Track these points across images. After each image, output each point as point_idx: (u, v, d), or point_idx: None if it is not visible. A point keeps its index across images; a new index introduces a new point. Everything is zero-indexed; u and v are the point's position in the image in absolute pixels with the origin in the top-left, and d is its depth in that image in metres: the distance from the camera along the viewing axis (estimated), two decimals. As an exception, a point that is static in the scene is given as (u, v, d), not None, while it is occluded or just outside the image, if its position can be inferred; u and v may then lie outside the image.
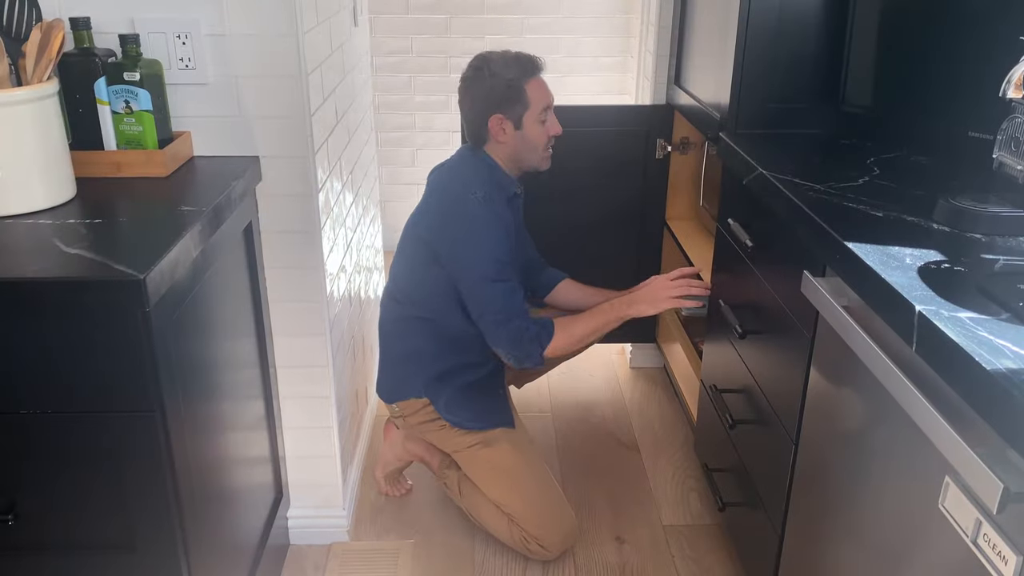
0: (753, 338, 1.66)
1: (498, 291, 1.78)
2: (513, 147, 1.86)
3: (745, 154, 1.66)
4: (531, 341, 1.80)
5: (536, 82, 1.84)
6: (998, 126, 1.40)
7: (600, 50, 3.44)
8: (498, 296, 1.78)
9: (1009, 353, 0.86)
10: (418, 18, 3.37)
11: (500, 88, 1.81)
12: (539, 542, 1.87)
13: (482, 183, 1.83)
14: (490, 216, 1.79)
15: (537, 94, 1.84)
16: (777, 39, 1.80)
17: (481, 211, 1.79)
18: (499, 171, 1.88)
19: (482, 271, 1.78)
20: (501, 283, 1.78)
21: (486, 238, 1.78)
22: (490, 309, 1.79)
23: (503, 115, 1.82)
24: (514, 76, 1.81)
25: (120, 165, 1.50)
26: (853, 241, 1.18)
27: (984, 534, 0.85)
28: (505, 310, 1.78)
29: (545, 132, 1.87)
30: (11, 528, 1.22)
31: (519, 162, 1.89)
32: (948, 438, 0.89)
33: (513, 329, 1.79)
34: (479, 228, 1.78)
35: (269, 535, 1.76)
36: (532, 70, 1.84)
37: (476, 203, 1.79)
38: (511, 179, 1.89)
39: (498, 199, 1.83)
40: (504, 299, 1.78)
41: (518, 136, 1.85)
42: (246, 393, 1.64)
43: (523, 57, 1.84)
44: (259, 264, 1.69)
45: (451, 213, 1.82)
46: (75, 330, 1.13)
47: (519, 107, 1.82)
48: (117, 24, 1.53)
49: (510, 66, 1.81)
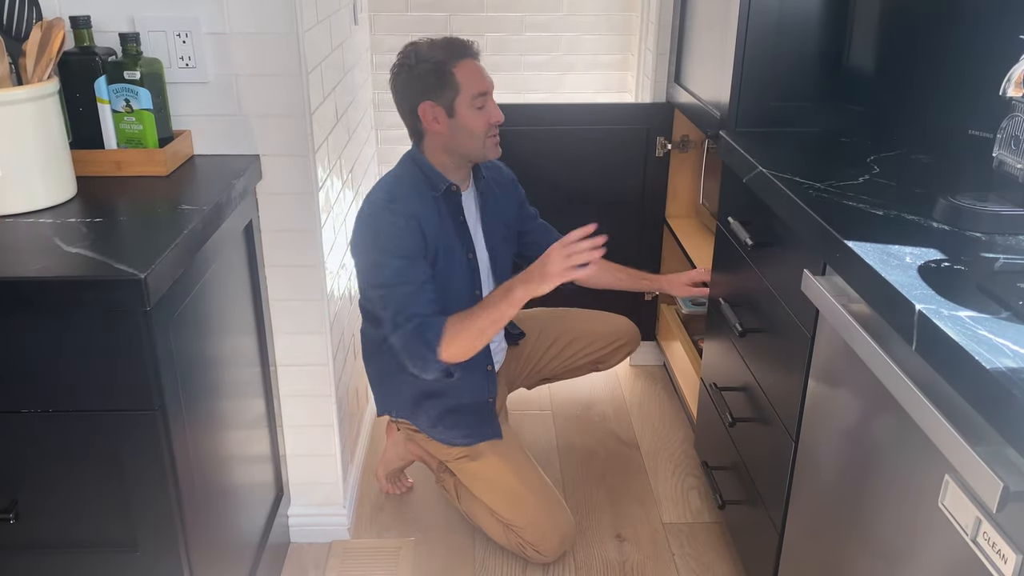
0: (753, 336, 1.66)
1: (391, 295, 1.68)
2: (449, 136, 1.73)
3: (745, 152, 1.66)
4: (418, 344, 1.66)
5: (467, 64, 1.71)
6: (998, 124, 1.40)
7: (600, 48, 3.44)
8: (390, 300, 1.68)
9: (1009, 352, 0.86)
10: (418, 16, 3.37)
11: (427, 73, 1.69)
12: (535, 548, 1.86)
13: (396, 186, 1.75)
14: (386, 217, 1.69)
15: (469, 78, 1.70)
16: (777, 37, 1.80)
17: (377, 213, 1.70)
18: (429, 169, 1.76)
19: (373, 277, 1.71)
20: (394, 287, 1.67)
21: (379, 241, 1.69)
22: (385, 316, 1.70)
23: (433, 102, 1.70)
24: (441, 59, 1.68)
25: (120, 164, 1.50)
26: (853, 240, 1.18)
27: (984, 532, 0.86)
28: (396, 316, 1.67)
29: (483, 118, 1.72)
30: (12, 527, 1.22)
31: (459, 152, 1.76)
32: (948, 437, 0.89)
33: (403, 335, 1.67)
34: (373, 228, 1.70)
35: (270, 533, 1.76)
36: (462, 52, 1.70)
37: (373, 207, 1.72)
38: (441, 176, 1.77)
39: (409, 201, 1.72)
40: (397, 302, 1.67)
41: (452, 124, 1.72)
42: (246, 391, 1.64)
43: (453, 40, 1.72)
44: (259, 262, 1.69)
45: (359, 218, 1.75)
46: (76, 329, 1.13)
47: (449, 92, 1.69)
48: (117, 23, 1.53)
49: (437, 50, 1.69)
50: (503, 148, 1.81)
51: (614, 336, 2.18)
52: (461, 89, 1.70)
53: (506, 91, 3.32)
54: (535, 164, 2.46)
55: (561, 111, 2.50)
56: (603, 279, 2.12)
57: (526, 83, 3.32)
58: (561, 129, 2.45)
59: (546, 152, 2.47)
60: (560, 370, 2.19)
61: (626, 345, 2.20)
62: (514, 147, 2.45)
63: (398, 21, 3.38)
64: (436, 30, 3.38)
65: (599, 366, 2.22)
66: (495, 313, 1.66)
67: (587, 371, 2.23)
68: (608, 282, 2.13)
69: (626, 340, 2.19)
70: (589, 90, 3.48)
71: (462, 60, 1.70)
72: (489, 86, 1.74)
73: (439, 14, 3.37)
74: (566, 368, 2.19)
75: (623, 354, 2.21)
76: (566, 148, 2.47)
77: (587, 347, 2.16)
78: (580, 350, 2.16)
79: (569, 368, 2.19)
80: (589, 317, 2.21)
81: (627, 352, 2.22)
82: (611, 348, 2.18)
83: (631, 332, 2.21)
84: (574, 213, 2.48)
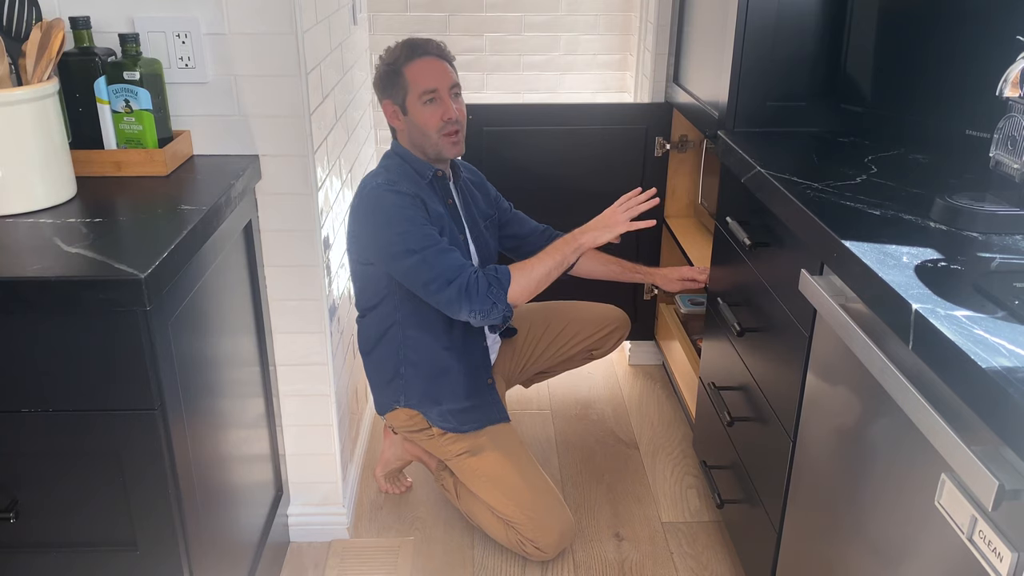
0: (751, 336, 1.66)
1: (425, 258, 1.70)
2: (408, 133, 1.82)
3: (743, 152, 1.67)
4: (487, 290, 1.71)
5: (419, 64, 1.77)
6: (995, 125, 1.40)
7: (599, 48, 3.44)
8: (426, 262, 1.71)
9: (1005, 351, 0.86)
10: (417, 16, 3.37)
11: (385, 74, 1.80)
12: (535, 544, 1.86)
13: (388, 173, 1.80)
14: (391, 196, 1.74)
15: (418, 76, 1.77)
16: (776, 37, 1.80)
17: (381, 194, 1.75)
18: (412, 158, 1.84)
19: (398, 246, 1.72)
20: (424, 250, 1.71)
21: (391, 216, 1.73)
22: (428, 278, 1.71)
23: (390, 100, 1.81)
24: (394, 59, 1.78)
25: (120, 164, 1.50)
26: (851, 239, 1.18)
27: (980, 531, 0.86)
28: (443, 272, 1.70)
29: (436, 115, 1.77)
30: (12, 526, 1.23)
31: (418, 147, 1.83)
32: (944, 436, 0.90)
33: (461, 286, 1.70)
34: (383, 210, 1.74)
35: (269, 532, 1.76)
36: (415, 53, 1.78)
37: (375, 190, 1.76)
38: (425, 164, 1.84)
39: (406, 184, 1.77)
40: (436, 262, 1.70)
41: (407, 121, 1.80)
42: (246, 391, 1.64)
43: (412, 41, 1.80)
44: (259, 262, 1.69)
45: (358, 209, 1.79)
46: (76, 329, 1.14)
47: (400, 91, 1.78)
48: (117, 23, 1.53)
49: (394, 51, 1.79)
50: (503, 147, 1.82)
51: (603, 322, 2.20)
52: (410, 88, 1.78)
53: (505, 91, 3.32)
54: (534, 164, 2.47)
55: (560, 111, 2.50)
56: (597, 270, 2.15)
57: (525, 83, 3.33)
58: (560, 129, 2.46)
59: (545, 152, 2.48)
60: (555, 361, 2.20)
61: (617, 330, 2.22)
62: (513, 147, 2.46)
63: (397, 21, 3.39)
64: (435, 30, 3.38)
65: (593, 353, 2.23)
66: (559, 256, 1.78)
67: (582, 360, 2.24)
68: (602, 272, 2.15)
69: (616, 325, 2.22)
70: (588, 90, 3.49)
71: (415, 59, 1.78)
72: (440, 83, 1.78)
73: (438, 14, 3.37)
74: (561, 358, 2.21)
75: (615, 339, 2.23)
76: (565, 148, 2.47)
77: (577, 334, 2.19)
78: (571, 338, 2.18)
79: (564, 358, 2.21)
80: (577, 307, 2.24)
81: (619, 337, 2.24)
82: (602, 334, 2.20)
83: (620, 317, 2.24)
84: (572, 213, 2.48)
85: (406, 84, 1.77)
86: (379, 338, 1.89)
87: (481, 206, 2.01)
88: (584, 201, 2.51)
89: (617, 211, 1.81)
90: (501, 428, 1.93)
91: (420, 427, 1.93)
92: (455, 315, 1.73)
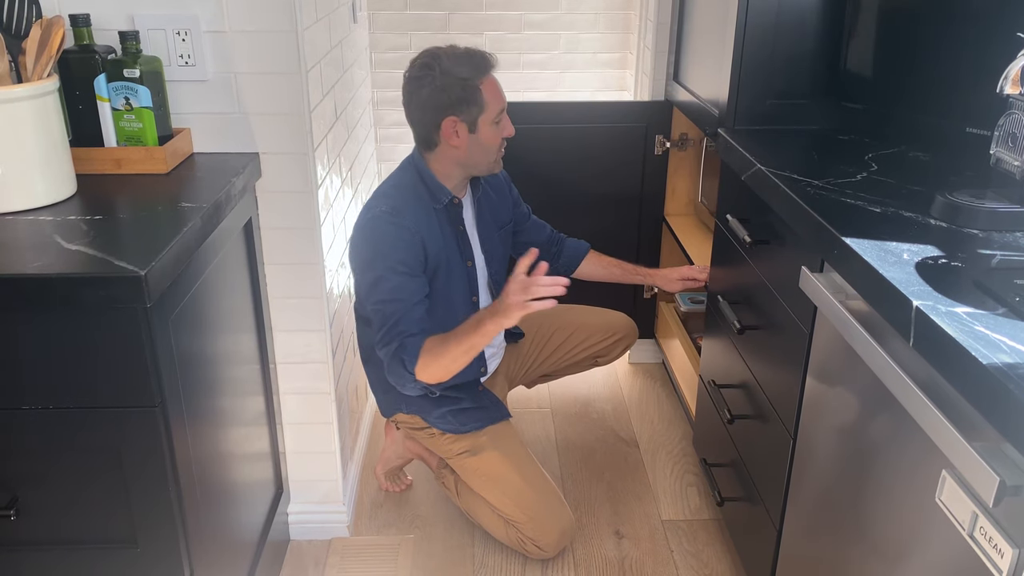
0: (751, 334, 1.66)
1: (384, 311, 1.67)
2: (465, 152, 1.73)
3: (744, 150, 1.67)
4: (397, 363, 1.67)
5: (491, 81, 1.71)
6: (995, 122, 1.40)
7: (599, 46, 3.44)
8: (381, 316, 1.68)
9: (1005, 348, 0.86)
10: (417, 14, 3.37)
11: (454, 88, 1.66)
12: (535, 543, 1.87)
13: (398, 196, 1.73)
14: (393, 229, 1.68)
15: (493, 95, 1.71)
16: (776, 35, 1.80)
17: (380, 225, 1.69)
18: (432, 181, 1.76)
19: (369, 291, 1.70)
20: (389, 303, 1.67)
21: (380, 254, 1.68)
22: (379, 328, 1.69)
23: (457, 117, 1.69)
24: (468, 75, 1.67)
25: (120, 162, 1.50)
26: (851, 237, 1.18)
27: (980, 527, 0.86)
28: (384, 332, 1.68)
29: (499, 134, 1.75)
30: (13, 523, 1.23)
31: (470, 167, 1.77)
32: (945, 432, 0.90)
33: (387, 352, 1.68)
34: (376, 241, 1.69)
35: (269, 530, 1.76)
36: (485, 68, 1.70)
37: (377, 217, 1.70)
38: (444, 188, 1.77)
39: (410, 215, 1.71)
40: (386, 320, 1.67)
41: (472, 140, 1.72)
42: (246, 389, 1.64)
43: (476, 53, 1.70)
44: (259, 260, 1.69)
45: (358, 229, 1.74)
46: (76, 326, 1.14)
47: (475, 109, 1.68)
48: (117, 21, 1.53)
49: (463, 63, 1.67)
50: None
51: (611, 329, 2.19)
52: (486, 107, 1.70)
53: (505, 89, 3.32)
54: (534, 162, 2.46)
55: (560, 109, 2.50)
56: (597, 272, 2.15)
57: (525, 81, 3.32)
58: (560, 127, 2.46)
59: (545, 150, 2.47)
60: (560, 365, 2.20)
61: (624, 338, 2.21)
62: (513, 145, 2.45)
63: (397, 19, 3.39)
64: (435, 29, 3.38)
65: (599, 360, 2.22)
66: (466, 343, 1.64)
67: (587, 366, 2.24)
68: (603, 275, 2.16)
69: (624, 333, 2.21)
70: (588, 88, 3.49)
71: (487, 76, 1.70)
72: (506, 101, 1.75)
73: (438, 12, 3.37)
74: (566, 363, 2.20)
75: (622, 348, 2.22)
76: (565, 146, 2.47)
77: (584, 340, 2.18)
78: (578, 344, 2.17)
79: (568, 363, 2.20)
80: (586, 312, 2.22)
81: (626, 346, 2.23)
82: (609, 342, 2.19)
83: (628, 326, 2.22)
84: (572, 211, 2.49)
85: (483, 102, 1.69)
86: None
87: (498, 214, 1.97)
88: (584, 199, 2.52)
89: (516, 290, 1.58)
90: (502, 427, 1.93)
91: (421, 426, 1.93)
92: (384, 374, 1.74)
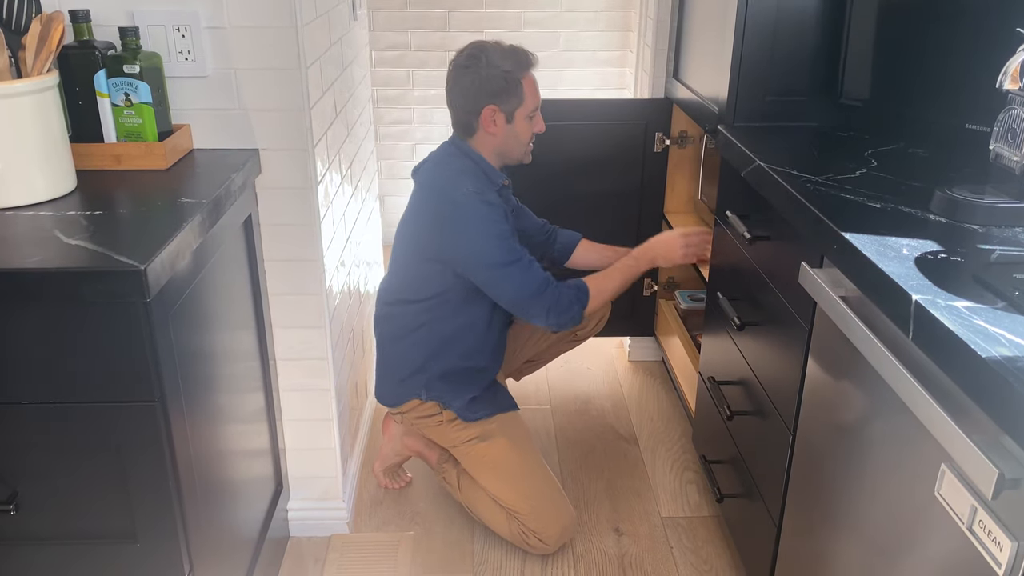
0: (751, 330, 1.66)
1: (515, 271, 1.79)
2: (501, 140, 1.85)
3: (743, 147, 1.67)
4: (569, 305, 1.83)
5: (531, 78, 1.85)
6: (995, 118, 1.40)
7: (599, 44, 3.44)
8: (516, 276, 1.80)
9: (1005, 341, 0.86)
10: (417, 12, 3.37)
11: (497, 79, 1.79)
12: (537, 536, 1.87)
13: (471, 178, 1.83)
14: (484, 208, 1.79)
15: (531, 91, 1.84)
16: (775, 32, 1.80)
17: (476, 204, 1.79)
18: (485, 163, 1.87)
19: (492, 258, 1.79)
20: (514, 263, 1.79)
21: (487, 229, 1.79)
22: (515, 290, 1.80)
23: (496, 106, 1.81)
24: (511, 68, 1.80)
25: (120, 157, 1.50)
26: (851, 232, 1.18)
27: (979, 520, 0.86)
28: (529, 286, 1.80)
29: (531, 128, 1.88)
30: (12, 518, 1.23)
31: (504, 155, 1.89)
32: (944, 426, 0.90)
33: (546, 299, 1.81)
34: (478, 221, 1.79)
35: (269, 527, 1.76)
36: (528, 64, 1.83)
37: (469, 198, 1.79)
38: (496, 171, 1.90)
39: (488, 191, 1.83)
40: (523, 276, 1.80)
41: (508, 129, 1.84)
42: (246, 385, 1.64)
43: (519, 50, 1.83)
44: (259, 257, 1.69)
45: (447, 214, 1.81)
46: (76, 321, 1.14)
47: (514, 100, 1.82)
48: (116, 17, 1.53)
49: (507, 58, 1.80)
50: None
51: None
52: (524, 101, 1.83)
53: (505, 87, 3.32)
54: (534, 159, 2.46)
55: (560, 107, 2.50)
56: (592, 259, 2.16)
57: (525, 79, 3.32)
58: (560, 125, 2.45)
59: (545, 148, 2.46)
60: (540, 346, 2.22)
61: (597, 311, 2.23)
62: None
63: (397, 17, 3.39)
64: (435, 26, 3.38)
65: (577, 334, 2.24)
66: (625, 281, 1.93)
67: (568, 344, 2.25)
68: (597, 262, 2.16)
69: None
70: (588, 86, 3.49)
71: (527, 72, 1.84)
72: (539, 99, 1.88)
73: (438, 10, 3.37)
74: (545, 343, 2.22)
75: (596, 318, 2.24)
76: (565, 144, 2.47)
77: None
78: None
79: (547, 343, 2.22)
80: None
81: (600, 317, 2.25)
82: None
83: None
84: (572, 209, 2.49)
85: (522, 96, 1.82)
86: (415, 329, 1.90)
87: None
88: (584, 197, 2.52)
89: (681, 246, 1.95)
90: (511, 416, 1.97)
91: (430, 413, 1.94)
92: (533, 322, 1.86)
